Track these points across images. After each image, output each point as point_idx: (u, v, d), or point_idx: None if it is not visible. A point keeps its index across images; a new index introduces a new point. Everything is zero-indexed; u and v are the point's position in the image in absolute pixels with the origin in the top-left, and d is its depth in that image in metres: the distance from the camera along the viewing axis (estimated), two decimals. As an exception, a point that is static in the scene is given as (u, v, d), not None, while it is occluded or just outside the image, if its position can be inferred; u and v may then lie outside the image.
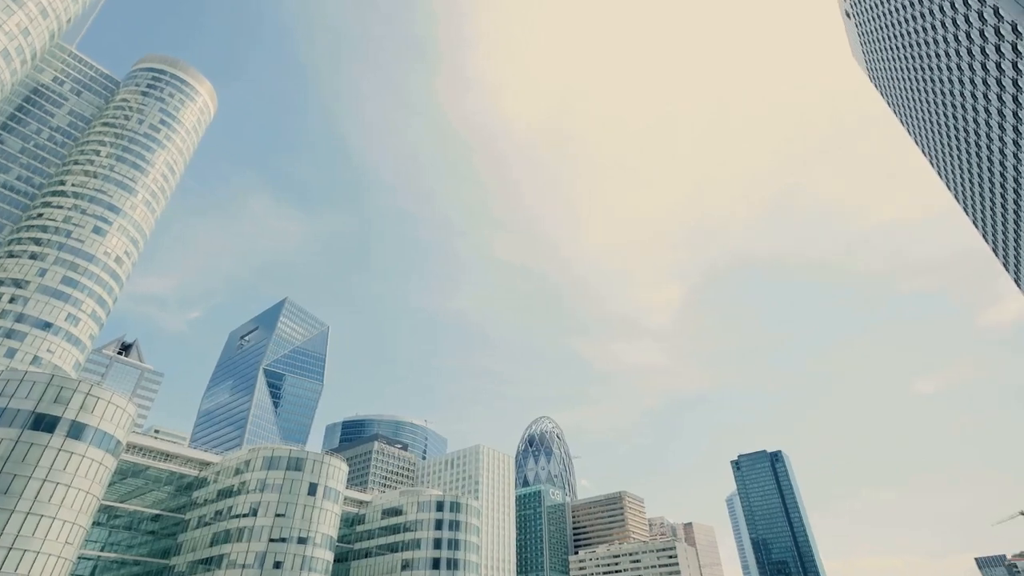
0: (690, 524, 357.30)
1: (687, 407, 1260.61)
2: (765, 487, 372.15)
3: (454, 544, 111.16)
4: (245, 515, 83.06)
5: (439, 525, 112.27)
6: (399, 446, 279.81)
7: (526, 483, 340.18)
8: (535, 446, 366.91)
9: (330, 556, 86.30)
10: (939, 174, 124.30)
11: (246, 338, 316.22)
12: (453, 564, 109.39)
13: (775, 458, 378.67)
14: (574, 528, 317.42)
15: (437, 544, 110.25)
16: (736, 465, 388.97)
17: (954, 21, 79.07)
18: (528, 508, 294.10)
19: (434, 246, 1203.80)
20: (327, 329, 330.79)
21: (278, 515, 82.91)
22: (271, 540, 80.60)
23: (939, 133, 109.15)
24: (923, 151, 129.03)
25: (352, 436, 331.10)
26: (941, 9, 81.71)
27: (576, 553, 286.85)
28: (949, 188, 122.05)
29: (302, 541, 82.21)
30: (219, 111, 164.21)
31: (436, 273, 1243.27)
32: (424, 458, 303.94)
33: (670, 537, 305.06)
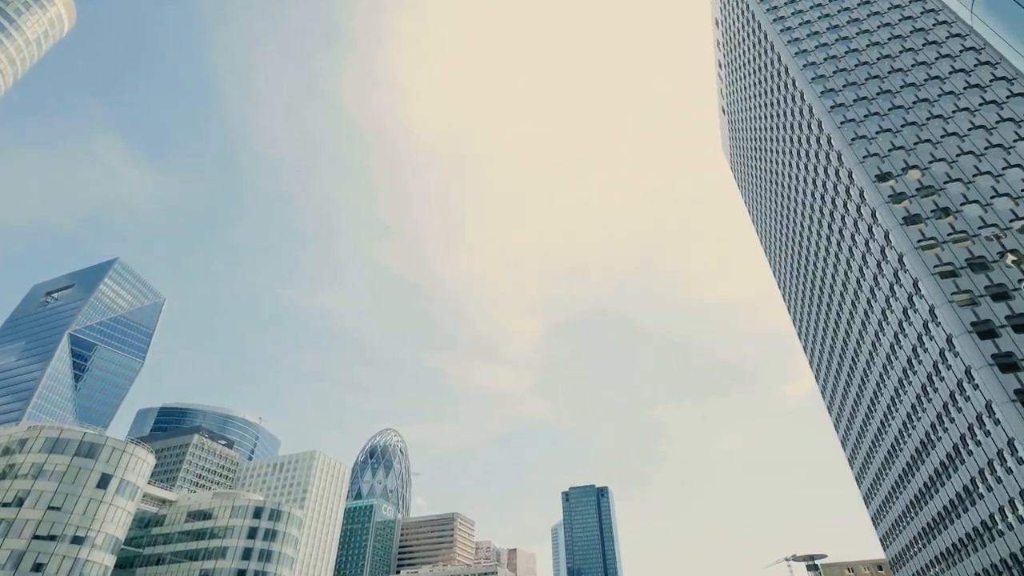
0: (515, 550, 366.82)
1: (531, 436, 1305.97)
2: (588, 519, 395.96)
3: (266, 556, 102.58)
4: (6, 504, 69.28)
5: (253, 534, 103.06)
6: (223, 442, 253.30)
7: (359, 496, 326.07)
8: (376, 458, 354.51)
9: (111, 560, 74.83)
10: (769, 264, 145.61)
11: (54, 295, 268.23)
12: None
13: (601, 493, 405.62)
14: (402, 546, 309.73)
15: (247, 554, 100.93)
16: (566, 496, 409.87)
17: (802, 153, 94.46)
18: (356, 522, 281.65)
19: (309, 237, 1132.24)
20: (162, 301, 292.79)
21: (51, 508, 70.34)
22: (35, 537, 67.93)
23: (774, 231, 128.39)
24: (761, 243, 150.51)
25: (169, 425, 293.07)
26: (788, 134, 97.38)
27: (398, 572, 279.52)
28: (775, 276, 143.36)
29: (77, 541, 70.37)
30: (78, 28, 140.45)
31: (305, 265, 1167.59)
32: (251, 458, 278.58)
33: (493, 562, 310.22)
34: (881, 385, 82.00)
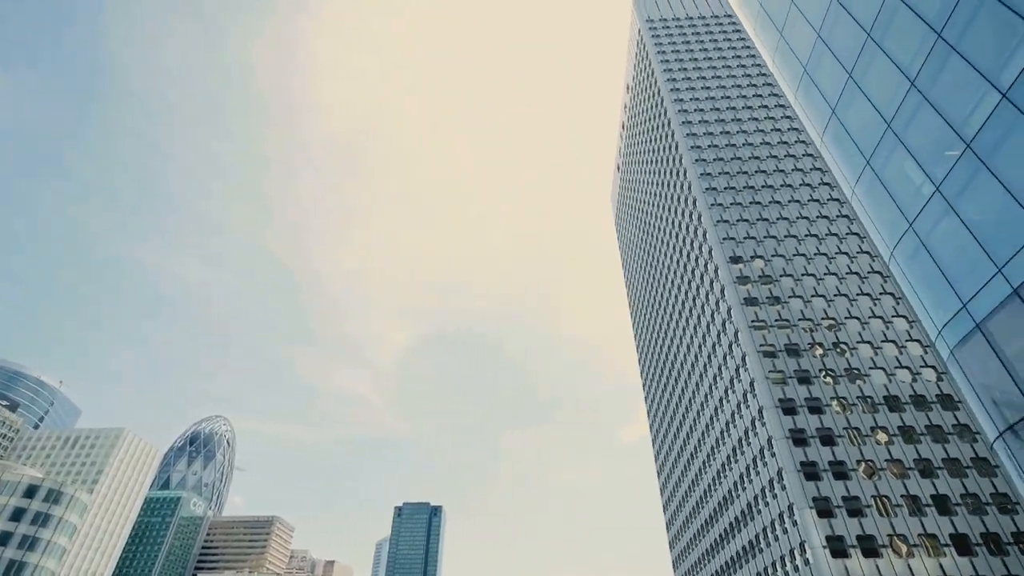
0: (333, 562, 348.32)
1: (377, 446, 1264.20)
2: (417, 537, 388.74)
3: (31, 543, 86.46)
4: None
5: (18, 516, 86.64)
6: (4, 403, 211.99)
7: (166, 486, 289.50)
8: (196, 446, 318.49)
9: None
10: (631, 315, 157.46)
11: None
12: (18, 570, 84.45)
13: (435, 512, 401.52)
14: (207, 547, 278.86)
15: (4, 540, 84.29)
16: (399, 511, 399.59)
17: (676, 221, 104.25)
18: (156, 515, 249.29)
19: (178, 198, 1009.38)
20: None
21: None
22: None
23: (640, 287, 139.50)
24: (628, 294, 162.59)
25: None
26: (668, 202, 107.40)
27: (195, 575, 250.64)
28: (633, 328, 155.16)
29: None
30: None
31: (166, 226, 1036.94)
32: (38, 426, 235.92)
33: (306, 573, 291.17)
34: (702, 442, 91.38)
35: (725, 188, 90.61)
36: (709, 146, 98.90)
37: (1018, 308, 14.20)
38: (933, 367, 66.64)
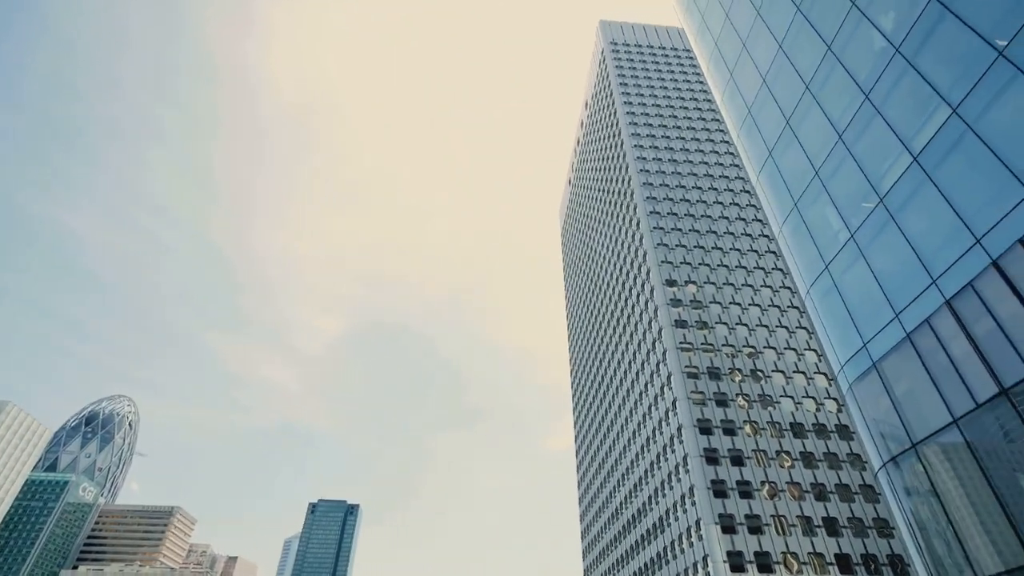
0: (235, 558, 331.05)
1: (296, 438, 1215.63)
2: (330, 536, 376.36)
3: None
4: None
5: None
6: None
7: (54, 467, 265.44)
8: (93, 427, 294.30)
9: None
10: (567, 328, 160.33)
11: None
12: None
13: (351, 511, 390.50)
14: (95, 536, 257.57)
15: None
16: (313, 508, 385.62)
17: (619, 240, 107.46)
18: (38, 499, 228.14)
19: (113, 160, 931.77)
20: None
21: None
22: None
23: (579, 301, 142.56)
24: (566, 307, 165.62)
25: None
26: (613, 220, 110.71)
27: (76, 568, 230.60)
28: (568, 340, 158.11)
29: None
30: None
31: (96, 192, 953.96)
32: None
33: (205, 568, 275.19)
34: (623, 455, 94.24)
35: (668, 213, 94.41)
36: (657, 171, 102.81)
37: (909, 352, 15.71)
38: (835, 399, 72.12)
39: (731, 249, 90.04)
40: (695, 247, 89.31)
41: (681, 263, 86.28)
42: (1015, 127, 12.93)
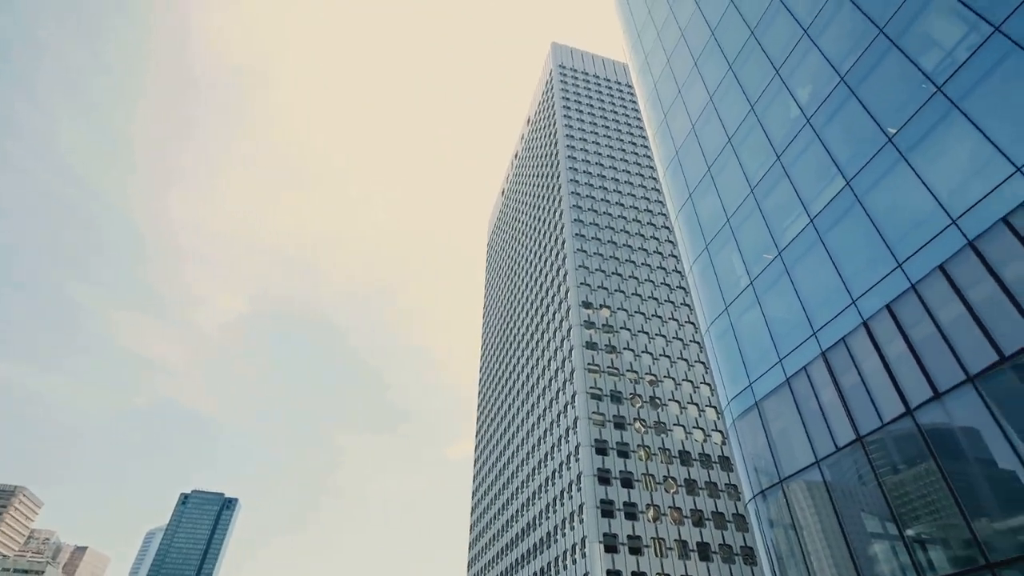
0: (85, 548, 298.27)
1: (176, 422, 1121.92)
2: (200, 529, 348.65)
3: None
4: None
5: None
6: None
7: None
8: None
9: None
10: (481, 336, 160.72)
11: None
12: None
13: (228, 504, 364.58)
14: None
15: None
16: (185, 499, 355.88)
17: (541, 256, 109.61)
18: None
19: (31, 130, 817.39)
20: None
21: None
22: None
23: (496, 314, 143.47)
24: (483, 316, 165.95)
25: None
26: (538, 235, 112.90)
27: None
28: (481, 349, 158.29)
29: None
30: None
31: (12, 158, 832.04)
32: None
33: (44, 558, 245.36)
34: (520, 469, 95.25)
35: (592, 237, 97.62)
36: (587, 196, 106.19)
37: (786, 395, 17.11)
38: (721, 432, 77.30)
39: (646, 280, 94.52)
40: (613, 273, 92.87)
41: (599, 287, 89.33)
42: (894, 205, 14.57)
